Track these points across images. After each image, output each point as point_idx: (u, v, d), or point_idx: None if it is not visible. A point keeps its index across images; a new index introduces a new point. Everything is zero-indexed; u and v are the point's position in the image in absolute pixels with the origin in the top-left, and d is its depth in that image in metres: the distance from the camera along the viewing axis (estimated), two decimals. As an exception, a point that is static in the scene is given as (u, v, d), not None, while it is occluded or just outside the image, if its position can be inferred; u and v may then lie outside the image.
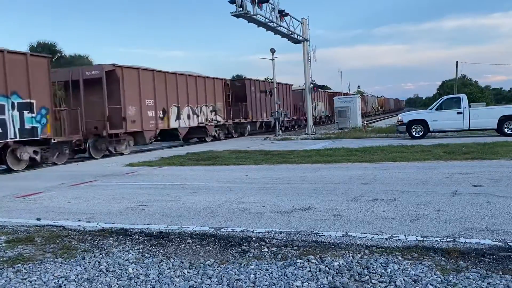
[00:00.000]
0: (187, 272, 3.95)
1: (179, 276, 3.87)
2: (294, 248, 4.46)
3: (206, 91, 23.86)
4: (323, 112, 43.93)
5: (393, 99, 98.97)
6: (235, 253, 4.43)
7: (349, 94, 53.61)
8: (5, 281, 3.91)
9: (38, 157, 14.18)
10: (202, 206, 6.66)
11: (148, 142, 19.67)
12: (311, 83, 27.52)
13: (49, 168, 14.26)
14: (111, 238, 5.16)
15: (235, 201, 6.95)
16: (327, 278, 3.64)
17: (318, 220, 5.50)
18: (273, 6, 22.16)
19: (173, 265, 4.14)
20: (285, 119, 30.77)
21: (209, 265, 4.10)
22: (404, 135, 19.57)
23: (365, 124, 29.63)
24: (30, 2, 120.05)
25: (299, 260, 4.06)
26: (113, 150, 17.55)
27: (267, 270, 3.89)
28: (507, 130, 17.76)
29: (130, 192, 8.36)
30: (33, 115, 13.77)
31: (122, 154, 17.81)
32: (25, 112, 13.53)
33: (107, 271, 4.07)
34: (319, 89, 36.02)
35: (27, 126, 13.58)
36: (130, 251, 4.64)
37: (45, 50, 38.22)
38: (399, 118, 20.05)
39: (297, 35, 25.53)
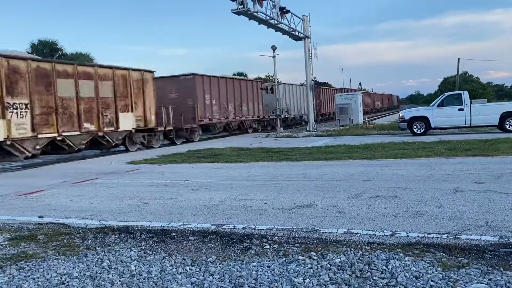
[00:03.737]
0: (189, 269, 3.97)
1: (181, 273, 3.88)
2: (296, 245, 4.48)
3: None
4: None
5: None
6: (237, 250, 4.45)
7: (350, 91, 53.56)
8: (8, 278, 3.93)
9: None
10: (204, 204, 6.68)
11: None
12: (312, 80, 27.50)
13: (51, 166, 14.30)
14: (113, 236, 5.18)
15: (236, 198, 6.97)
16: (328, 274, 3.65)
17: (320, 217, 5.51)
18: (274, 3, 22.14)
19: (175, 262, 4.16)
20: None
21: (211, 262, 4.11)
22: (406, 132, 19.56)
23: (367, 121, 29.61)
24: (31, 0, 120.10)
25: (300, 257, 4.07)
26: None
27: (269, 267, 3.90)
28: (509, 127, 17.73)
29: (132, 189, 8.38)
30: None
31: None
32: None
33: (109, 268, 4.09)
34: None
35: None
36: (132, 248, 4.66)
37: (46, 48, 38.25)
38: (400, 115, 20.04)
39: (298, 32, 25.49)
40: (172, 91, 22.95)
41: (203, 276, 3.78)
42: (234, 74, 47.42)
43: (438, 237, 4.42)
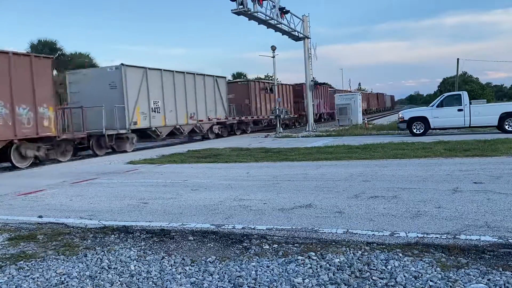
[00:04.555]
0: (189, 269, 3.97)
1: (180, 273, 3.89)
2: (295, 245, 4.48)
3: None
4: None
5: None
6: (237, 250, 4.45)
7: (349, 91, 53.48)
8: (8, 278, 3.93)
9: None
10: (203, 204, 6.68)
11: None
12: (312, 80, 27.51)
13: (51, 166, 14.29)
14: (112, 236, 5.18)
15: (236, 198, 6.97)
16: (328, 274, 3.65)
17: (319, 217, 5.51)
18: (273, 4, 22.14)
19: (174, 262, 4.16)
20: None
21: (210, 262, 4.12)
22: (405, 132, 19.57)
23: (366, 121, 29.63)
24: (31, 0, 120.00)
25: (300, 257, 4.08)
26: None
27: (268, 267, 3.91)
28: (508, 127, 17.73)
29: (132, 189, 8.38)
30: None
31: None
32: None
33: (109, 268, 4.09)
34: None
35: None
36: (132, 248, 4.66)
37: (46, 48, 38.22)
38: (400, 116, 20.06)
39: (297, 32, 25.50)
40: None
41: (202, 276, 3.79)
42: (234, 74, 47.36)
43: (437, 237, 4.42)
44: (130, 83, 18.65)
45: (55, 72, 21.02)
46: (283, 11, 23.11)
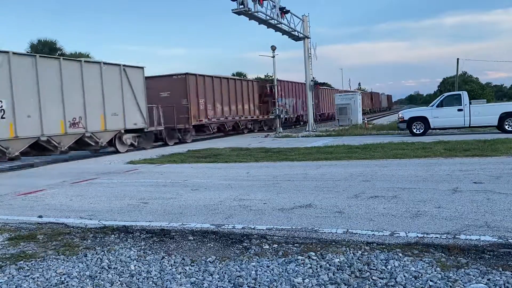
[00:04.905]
0: (189, 269, 3.97)
1: (180, 273, 3.89)
2: (295, 245, 4.48)
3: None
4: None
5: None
6: (236, 250, 4.45)
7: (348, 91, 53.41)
8: (8, 278, 3.94)
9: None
10: (203, 203, 6.68)
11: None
12: (311, 80, 27.51)
13: (50, 166, 14.29)
14: (112, 235, 5.18)
15: (236, 198, 6.97)
16: (328, 274, 3.66)
17: (319, 217, 5.51)
18: (274, 3, 22.14)
19: (174, 262, 4.16)
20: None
21: (210, 262, 4.12)
22: (405, 132, 19.58)
23: (366, 121, 29.63)
24: (31, 0, 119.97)
25: (300, 257, 4.08)
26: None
27: (268, 266, 3.91)
28: (508, 127, 17.74)
29: (132, 189, 8.38)
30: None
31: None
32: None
33: (109, 268, 4.10)
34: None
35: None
36: (132, 248, 4.67)
37: (46, 48, 38.22)
38: (400, 115, 20.07)
39: (297, 32, 25.50)
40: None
41: (202, 276, 3.79)
42: (233, 74, 47.45)
43: (437, 237, 4.42)
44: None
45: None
46: (283, 11, 23.12)
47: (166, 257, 4.33)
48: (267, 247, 4.47)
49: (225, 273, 3.82)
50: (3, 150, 13.18)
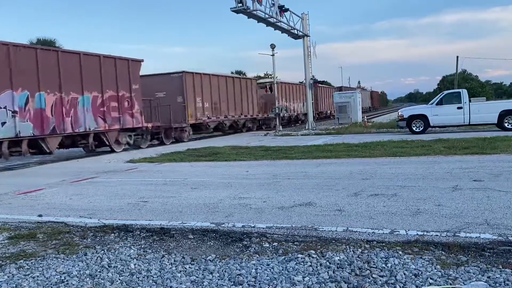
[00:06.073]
0: (189, 267, 3.97)
1: (180, 271, 3.89)
2: (295, 243, 4.48)
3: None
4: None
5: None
6: (236, 249, 4.45)
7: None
8: (8, 277, 3.93)
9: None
10: (203, 202, 6.68)
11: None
12: (311, 78, 27.49)
13: (50, 165, 14.28)
14: (112, 234, 5.18)
15: (236, 196, 6.97)
16: (328, 272, 3.65)
17: (319, 215, 5.51)
18: (272, 2, 22.12)
19: (174, 261, 4.16)
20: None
21: (210, 261, 4.12)
22: (405, 130, 19.57)
23: (366, 120, 29.62)
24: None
25: (300, 255, 4.08)
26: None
27: (268, 265, 3.91)
28: (508, 125, 17.75)
29: (131, 188, 8.38)
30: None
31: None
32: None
33: (109, 267, 4.09)
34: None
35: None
36: (132, 247, 4.66)
37: (45, 46, 38.07)
38: (399, 114, 20.06)
39: (297, 30, 25.47)
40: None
41: (202, 274, 3.79)
42: (232, 73, 47.40)
43: (437, 235, 4.42)
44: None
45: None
46: (282, 9, 23.09)
47: (166, 255, 4.33)
48: (267, 245, 4.47)
49: (225, 271, 3.81)
50: None
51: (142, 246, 4.69)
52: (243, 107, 27.79)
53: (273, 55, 26.63)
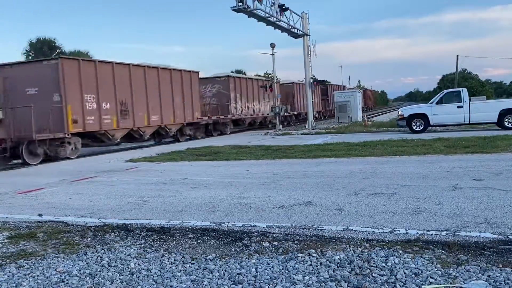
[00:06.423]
0: (189, 266, 3.97)
1: (180, 270, 3.89)
2: (295, 242, 4.48)
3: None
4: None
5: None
6: (237, 248, 4.45)
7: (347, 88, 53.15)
8: (8, 276, 3.93)
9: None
10: (203, 201, 6.68)
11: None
12: (311, 77, 27.48)
13: (50, 164, 14.28)
14: (112, 234, 5.18)
15: (236, 196, 6.97)
16: (328, 271, 3.65)
17: (319, 214, 5.51)
18: (273, 1, 22.11)
19: (174, 260, 4.16)
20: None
21: (210, 260, 4.12)
22: (405, 129, 19.57)
23: (366, 119, 29.61)
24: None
25: (300, 254, 4.08)
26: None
27: (268, 264, 3.91)
28: (508, 124, 17.73)
29: (131, 187, 8.38)
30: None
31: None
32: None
33: (109, 266, 4.09)
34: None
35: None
36: (132, 246, 4.66)
37: (45, 46, 38.12)
38: (399, 113, 20.05)
39: (297, 29, 25.46)
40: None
41: (202, 273, 3.79)
42: (232, 72, 47.22)
43: (437, 234, 4.42)
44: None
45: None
46: (282, 8, 23.08)
47: (166, 255, 4.32)
48: (267, 244, 4.47)
49: (225, 270, 3.81)
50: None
51: (142, 245, 4.69)
52: (176, 110, 21.20)
53: (273, 54, 26.61)
